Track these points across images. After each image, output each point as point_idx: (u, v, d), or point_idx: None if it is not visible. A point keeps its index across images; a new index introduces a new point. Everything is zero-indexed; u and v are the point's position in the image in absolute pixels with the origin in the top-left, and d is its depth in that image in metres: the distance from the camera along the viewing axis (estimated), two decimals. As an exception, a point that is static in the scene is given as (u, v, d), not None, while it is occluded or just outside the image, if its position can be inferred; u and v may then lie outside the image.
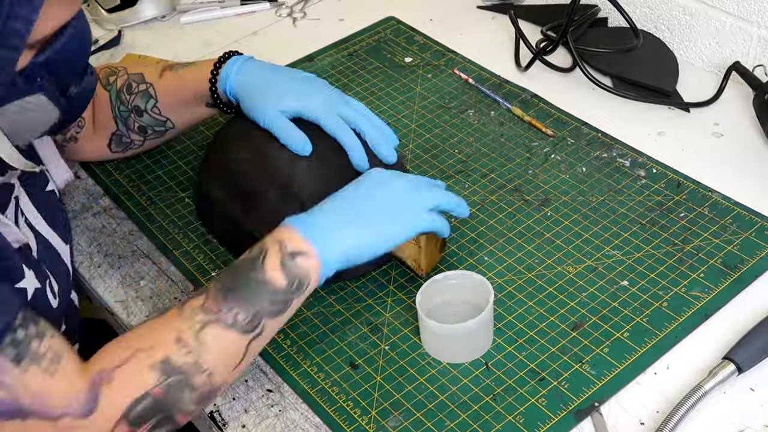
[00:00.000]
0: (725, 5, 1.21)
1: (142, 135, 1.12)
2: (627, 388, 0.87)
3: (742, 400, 0.85)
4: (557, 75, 1.30)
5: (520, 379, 0.89)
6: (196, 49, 1.44)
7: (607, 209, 1.06)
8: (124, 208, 1.15)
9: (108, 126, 1.12)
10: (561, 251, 1.02)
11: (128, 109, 1.10)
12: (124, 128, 1.11)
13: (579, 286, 0.97)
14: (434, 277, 0.93)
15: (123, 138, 1.13)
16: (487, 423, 0.85)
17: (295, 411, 0.89)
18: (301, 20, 1.50)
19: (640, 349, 0.90)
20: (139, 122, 1.10)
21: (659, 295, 0.95)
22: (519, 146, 1.17)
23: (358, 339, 0.95)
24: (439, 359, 0.92)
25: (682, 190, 1.07)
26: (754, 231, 1.01)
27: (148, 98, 1.09)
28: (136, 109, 1.10)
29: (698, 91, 1.23)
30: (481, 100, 1.26)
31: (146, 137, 1.13)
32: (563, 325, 0.93)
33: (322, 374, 0.92)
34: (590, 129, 1.18)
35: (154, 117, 1.10)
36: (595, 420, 0.85)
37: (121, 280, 1.06)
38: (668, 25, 1.30)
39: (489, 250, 1.03)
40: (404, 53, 1.37)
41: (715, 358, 0.88)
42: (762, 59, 1.20)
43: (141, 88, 1.09)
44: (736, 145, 1.14)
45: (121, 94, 1.10)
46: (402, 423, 0.86)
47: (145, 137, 1.13)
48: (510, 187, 1.11)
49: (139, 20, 1.52)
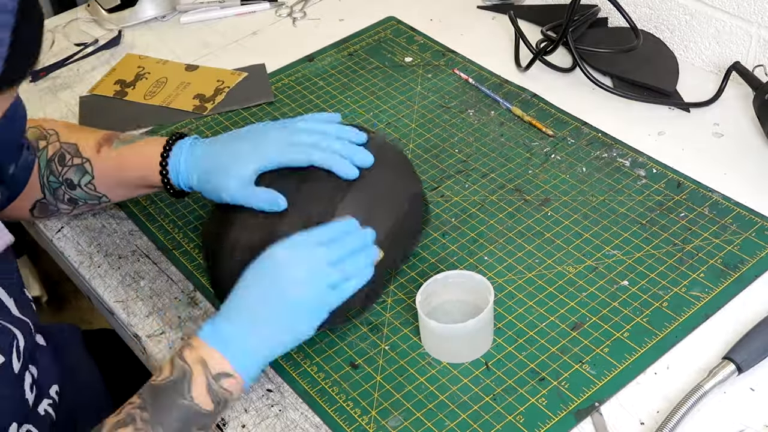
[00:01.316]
0: (725, 5, 1.21)
1: (71, 206, 1.05)
2: (627, 388, 0.87)
3: (742, 400, 0.85)
4: (557, 75, 1.30)
5: (520, 379, 0.89)
6: (196, 49, 1.44)
7: (607, 209, 1.06)
8: (124, 209, 1.15)
9: (33, 193, 1.04)
10: (561, 251, 1.02)
11: (59, 181, 1.02)
12: (51, 198, 1.04)
13: (579, 286, 0.97)
14: (434, 277, 0.93)
15: (49, 206, 1.06)
16: (487, 423, 0.85)
17: (295, 411, 0.89)
18: (301, 20, 1.50)
19: (640, 349, 0.90)
20: (70, 194, 1.03)
21: (659, 295, 0.95)
22: (519, 146, 1.17)
23: (358, 339, 0.95)
24: (439, 359, 0.92)
25: (682, 190, 1.07)
26: (754, 231, 1.01)
27: (83, 173, 1.02)
28: (68, 182, 1.02)
29: (698, 91, 1.23)
30: (481, 100, 1.26)
31: (76, 207, 1.06)
32: (563, 325, 0.93)
33: (322, 374, 0.92)
34: (590, 129, 1.18)
35: (88, 192, 1.03)
36: (595, 420, 0.85)
37: (121, 280, 1.06)
38: (668, 25, 1.30)
39: (489, 250, 1.03)
40: (404, 53, 1.37)
41: (715, 358, 0.88)
42: (762, 59, 1.20)
43: (75, 162, 1.01)
44: (736, 145, 1.14)
45: (52, 163, 1.02)
46: (402, 423, 0.86)
47: (74, 207, 1.06)
48: (510, 187, 1.11)
49: (139, 20, 1.52)
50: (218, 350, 0.81)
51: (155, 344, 0.98)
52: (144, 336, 0.99)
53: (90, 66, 1.42)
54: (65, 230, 1.13)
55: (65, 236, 1.12)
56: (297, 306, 0.83)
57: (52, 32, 1.52)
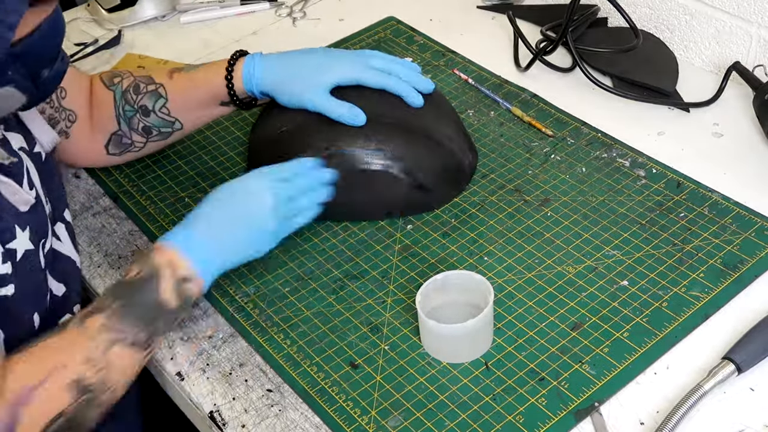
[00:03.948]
0: (725, 5, 1.21)
1: (145, 136, 1.13)
2: (627, 388, 0.87)
3: (741, 400, 0.85)
4: (557, 75, 1.30)
5: (520, 379, 0.89)
6: (196, 49, 1.44)
7: (607, 209, 1.06)
8: (124, 208, 1.15)
9: (107, 126, 1.12)
10: (561, 251, 1.02)
11: (134, 108, 1.10)
12: (126, 128, 1.12)
13: (579, 286, 0.97)
14: (434, 277, 0.93)
15: (123, 138, 1.13)
16: (487, 423, 0.85)
17: (295, 411, 0.89)
18: (301, 20, 1.50)
19: (640, 349, 0.90)
20: (145, 122, 1.11)
21: (659, 295, 0.95)
22: (519, 146, 1.17)
23: (358, 339, 0.95)
24: (439, 359, 0.92)
25: (682, 190, 1.07)
26: (754, 231, 1.01)
27: (158, 98, 1.10)
28: (142, 109, 1.10)
29: (698, 91, 1.23)
30: (481, 100, 1.26)
31: (149, 138, 1.13)
32: (563, 325, 0.93)
33: (322, 374, 0.92)
34: (590, 129, 1.18)
35: (162, 117, 1.11)
36: (595, 420, 0.85)
37: (121, 280, 1.06)
38: (668, 25, 1.30)
39: (489, 250, 1.03)
40: (404, 53, 1.37)
41: (714, 358, 0.88)
42: (762, 59, 1.20)
43: (150, 89, 1.10)
44: (736, 145, 1.14)
45: (127, 94, 1.10)
46: (402, 423, 0.86)
47: (148, 138, 1.13)
48: (510, 187, 1.11)
49: (139, 20, 1.52)
50: (186, 256, 0.89)
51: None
52: (144, 336, 0.99)
53: (90, 66, 1.42)
54: (65, 230, 1.13)
55: (65, 236, 1.12)
56: (262, 229, 0.94)
57: (52, 32, 1.51)
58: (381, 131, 1.05)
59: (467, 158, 1.12)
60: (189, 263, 0.89)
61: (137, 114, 1.10)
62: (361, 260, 1.04)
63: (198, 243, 0.91)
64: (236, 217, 0.94)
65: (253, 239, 0.95)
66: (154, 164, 1.21)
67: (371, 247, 1.05)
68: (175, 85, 1.10)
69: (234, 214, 0.94)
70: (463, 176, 1.11)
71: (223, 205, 0.94)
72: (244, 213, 0.94)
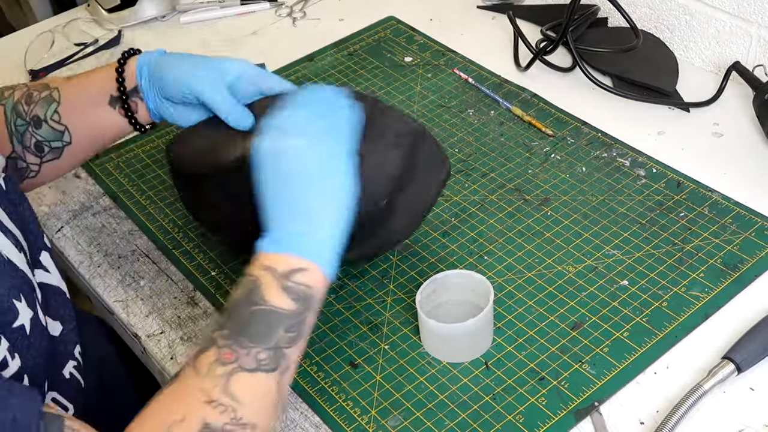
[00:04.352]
0: (725, 5, 1.21)
1: (38, 155, 1.00)
2: (627, 388, 0.87)
3: (741, 400, 0.85)
4: (557, 75, 1.30)
5: (520, 379, 0.89)
6: (196, 50, 1.44)
7: (607, 209, 1.06)
8: (124, 208, 1.15)
9: (2, 148, 0.99)
10: (561, 251, 1.02)
11: (26, 121, 0.98)
12: (20, 147, 0.99)
13: (579, 286, 0.97)
14: (434, 277, 0.93)
15: (18, 162, 1.00)
16: (486, 422, 0.85)
17: (295, 410, 0.89)
18: (301, 20, 1.50)
19: (639, 348, 0.90)
20: (36, 136, 0.98)
21: (659, 295, 0.95)
22: (519, 146, 1.17)
23: (358, 338, 0.95)
24: (438, 358, 0.92)
25: (682, 190, 1.07)
26: (754, 231, 1.01)
27: (50, 102, 0.98)
28: (34, 120, 0.98)
29: (698, 91, 1.23)
30: (481, 100, 1.26)
31: (43, 158, 1.00)
32: (563, 325, 0.93)
33: (321, 374, 0.92)
34: (590, 129, 1.18)
35: (53, 127, 0.99)
36: (595, 420, 0.85)
37: (121, 280, 1.06)
38: (668, 25, 1.30)
39: (489, 249, 1.03)
40: (404, 53, 1.37)
41: (714, 357, 0.88)
42: (762, 59, 1.20)
43: (43, 95, 0.99)
44: (736, 145, 1.14)
45: (19, 105, 0.99)
46: (402, 422, 0.86)
47: (42, 158, 1.00)
48: (510, 187, 1.11)
49: (139, 20, 1.52)
50: (280, 252, 0.76)
51: (155, 344, 0.98)
52: (144, 336, 0.99)
53: (90, 66, 1.42)
54: (65, 230, 1.13)
55: (65, 236, 1.13)
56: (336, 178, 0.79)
57: (51, 32, 1.51)
58: None
59: None
60: (286, 256, 0.76)
61: (29, 127, 0.98)
62: (361, 260, 1.04)
63: (286, 235, 0.77)
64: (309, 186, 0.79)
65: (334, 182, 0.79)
66: (154, 164, 1.21)
67: (371, 246, 1.05)
68: (70, 86, 1.00)
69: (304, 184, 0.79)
70: None
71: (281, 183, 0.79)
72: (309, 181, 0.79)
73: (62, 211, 1.16)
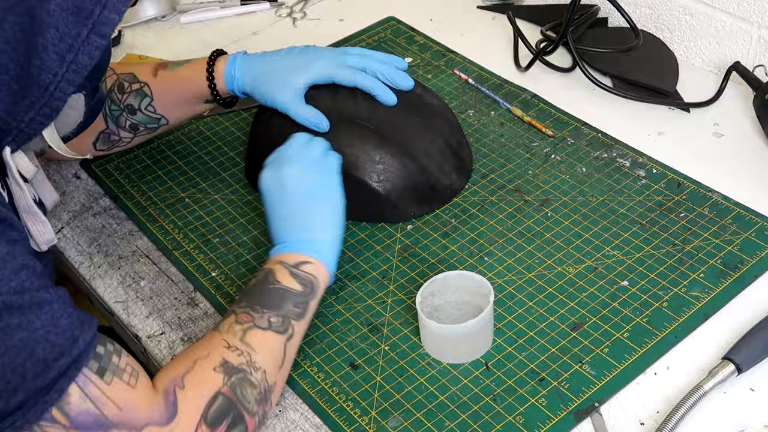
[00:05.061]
0: (725, 5, 1.20)
1: (132, 132, 1.13)
2: (627, 388, 0.87)
3: (742, 400, 0.85)
4: (557, 75, 1.30)
5: (520, 380, 0.89)
6: (196, 49, 1.43)
7: (607, 209, 1.06)
8: (124, 208, 1.15)
9: (96, 125, 1.10)
10: (561, 251, 1.02)
11: (120, 108, 1.11)
12: (114, 126, 1.12)
13: (579, 286, 0.97)
14: (434, 277, 0.93)
15: (111, 136, 1.13)
16: (487, 423, 0.85)
17: (295, 411, 0.89)
18: (301, 20, 1.50)
19: (640, 349, 0.90)
20: (131, 120, 1.12)
21: (659, 296, 0.95)
22: (519, 146, 1.17)
23: (358, 339, 0.95)
24: (439, 359, 0.92)
25: (682, 190, 1.07)
26: (754, 231, 1.01)
27: (143, 97, 1.11)
28: (129, 108, 1.11)
29: (698, 91, 1.23)
30: (481, 101, 1.26)
31: (137, 134, 1.14)
32: (563, 326, 0.93)
33: (322, 374, 0.92)
34: (590, 129, 1.18)
35: (148, 115, 1.12)
36: (595, 420, 0.85)
37: (121, 280, 1.06)
38: (668, 25, 1.30)
39: (489, 250, 1.03)
40: (404, 53, 1.37)
41: (714, 358, 0.88)
42: (762, 59, 1.20)
43: (134, 87, 1.11)
44: (736, 145, 1.14)
45: (112, 93, 1.11)
46: (402, 423, 0.86)
47: (135, 134, 1.14)
48: (510, 187, 1.11)
49: (139, 20, 1.52)
50: (289, 251, 0.92)
51: (155, 345, 0.98)
52: (144, 336, 0.99)
53: (90, 66, 1.42)
54: (65, 230, 1.13)
55: (65, 236, 1.13)
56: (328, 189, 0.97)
57: (52, 32, 1.51)
58: (350, 134, 1.04)
59: (448, 179, 1.09)
60: (296, 253, 0.91)
61: (123, 113, 1.11)
62: (361, 260, 1.04)
63: (296, 241, 0.93)
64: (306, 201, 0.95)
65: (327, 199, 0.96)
66: (154, 164, 1.21)
67: (371, 247, 1.05)
68: (160, 85, 1.11)
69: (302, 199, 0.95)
70: (438, 197, 1.08)
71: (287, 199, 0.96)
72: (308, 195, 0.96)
73: (62, 211, 1.16)
